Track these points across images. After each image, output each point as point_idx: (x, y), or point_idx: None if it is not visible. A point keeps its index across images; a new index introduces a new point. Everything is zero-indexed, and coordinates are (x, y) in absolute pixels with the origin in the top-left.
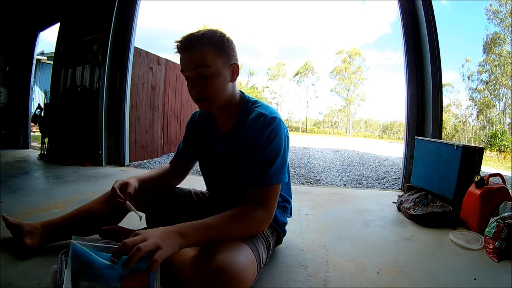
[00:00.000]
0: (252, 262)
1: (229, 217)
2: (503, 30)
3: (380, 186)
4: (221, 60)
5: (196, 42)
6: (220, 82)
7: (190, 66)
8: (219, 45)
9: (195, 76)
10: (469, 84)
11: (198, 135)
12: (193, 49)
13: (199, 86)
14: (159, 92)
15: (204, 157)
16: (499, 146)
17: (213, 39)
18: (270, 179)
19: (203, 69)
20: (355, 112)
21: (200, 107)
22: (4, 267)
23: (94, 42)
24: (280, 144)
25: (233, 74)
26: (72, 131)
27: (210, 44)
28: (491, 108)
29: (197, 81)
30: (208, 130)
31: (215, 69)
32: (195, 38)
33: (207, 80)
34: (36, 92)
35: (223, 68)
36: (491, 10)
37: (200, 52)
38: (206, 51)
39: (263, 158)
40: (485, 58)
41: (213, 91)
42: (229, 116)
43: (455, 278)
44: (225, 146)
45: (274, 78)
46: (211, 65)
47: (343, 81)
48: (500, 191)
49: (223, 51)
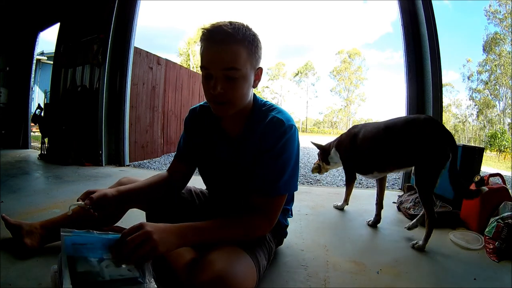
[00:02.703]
0: (252, 271)
1: (230, 224)
2: (503, 30)
3: None
4: (251, 62)
5: (230, 38)
6: (246, 86)
7: (219, 65)
8: (253, 45)
9: (221, 77)
10: (469, 84)
11: (197, 136)
12: (226, 45)
13: (223, 88)
14: (159, 92)
15: (205, 161)
16: (499, 146)
17: (248, 37)
18: (279, 189)
19: (232, 72)
20: (355, 112)
21: (218, 110)
22: (4, 267)
23: (94, 42)
24: (294, 154)
25: (256, 79)
26: (72, 131)
27: (244, 42)
28: (491, 108)
29: (222, 82)
30: (211, 132)
31: (245, 72)
32: (229, 33)
33: (233, 83)
34: (36, 92)
35: (251, 71)
36: (490, 11)
37: (234, 51)
38: (240, 51)
39: (276, 167)
40: (485, 58)
41: (237, 96)
42: (238, 120)
43: (455, 278)
44: (231, 151)
45: (274, 78)
46: (242, 68)
47: (343, 81)
48: (500, 191)
49: (254, 53)
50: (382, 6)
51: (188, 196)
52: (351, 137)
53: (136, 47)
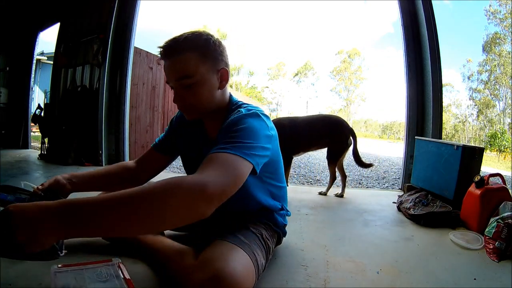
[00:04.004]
0: (250, 270)
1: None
2: (503, 30)
3: (380, 186)
4: (206, 66)
5: (178, 48)
6: (206, 89)
7: (173, 77)
8: (204, 49)
9: (178, 87)
10: (469, 84)
11: (184, 137)
12: (175, 56)
13: (182, 95)
14: (159, 92)
15: (194, 165)
16: (499, 146)
17: (197, 43)
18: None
19: (185, 80)
20: (355, 112)
21: (186, 115)
22: (4, 267)
23: (94, 42)
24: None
25: (222, 80)
26: (72, 131)
27: (193, 49)
28: (491, 108)
29: (181, 91)
30: (197, 135)
31: (200, 77)
32: (177, 44)
33: (190, 90)
34: (36, 92)
35: (209, 74)
36: (490, 11)
37: (182, 60)
38: (188, 57)
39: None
40: (485, 58)
41: (197, 100)
42: (217, 121)
43: (455, 278)
44: (209, 150)
45: (274, 78)
46: (194, 74)
47: (343, 81)
48: (500, 191)
49: (208, 56)
50: (383, 6)
51: None
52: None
53: (136, 47)
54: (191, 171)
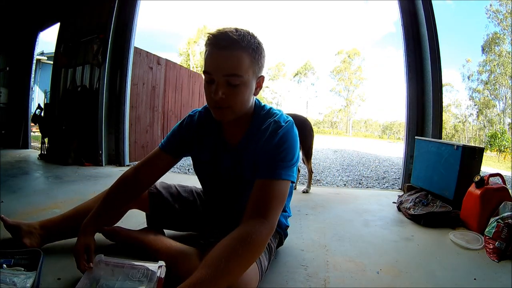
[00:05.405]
0: (255, 271)
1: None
2: (503, 30)
3: (380, 186)
4: (253, 70)
5: (234, 44)
6: (247, 93)
7: (221, 71)
8: (256, 53)
9: (222, 83)
10: (469, 84)
11: (196, 140)
12: (229, 51)
13: (224, 93)
14: (159, 92)
15: (207, 169)
16: (499, 146)
17: (252, 45)
18: (279, 173)
19: (234, 78)
20: (355, 112)
21: (217, 115)
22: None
23: (94, 42)
24: (295, 143)
25: (257, 87)
26: (72, 131)
27: (248, 50)
28: (491, 108)
29: (223, 88)
30: (212, 141)
31: (246, 79)
32: (234, 39)
33: (234, 89)
34: (36, 92)
35: (252, 79)
36: (491, 10)
37: (236, 57)
38: (243, 58)
39: (277, 155)
40: (485, 58)
41: (237, 102)
42: (239, 126)
43: (455, 278)
44: (234, 159)
45: (274, 78)
46: (244, 74)
47: (343, 81)
48: (500, 191)
49: (257, 61)
50: (384, 6)
51: (189, 196)
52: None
53: (136, 47)
54: (202, 175)
